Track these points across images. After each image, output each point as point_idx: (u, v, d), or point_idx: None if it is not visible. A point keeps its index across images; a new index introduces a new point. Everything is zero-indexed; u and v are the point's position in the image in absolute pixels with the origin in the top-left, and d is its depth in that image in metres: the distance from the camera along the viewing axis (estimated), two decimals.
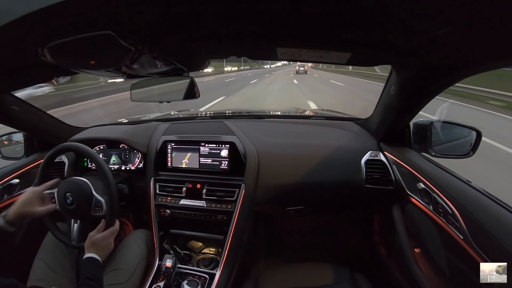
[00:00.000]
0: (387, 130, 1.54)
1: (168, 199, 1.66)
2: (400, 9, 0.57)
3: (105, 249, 1.25)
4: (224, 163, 1.65)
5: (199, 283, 1.44)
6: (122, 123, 2.21)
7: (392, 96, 1.32)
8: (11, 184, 1.62)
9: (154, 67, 1.03)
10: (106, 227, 1.29)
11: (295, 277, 1.43)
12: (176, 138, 1.76)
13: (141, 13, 0.60)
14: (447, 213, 1.05)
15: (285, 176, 1.61)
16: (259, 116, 2.06)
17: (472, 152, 1.31)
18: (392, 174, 1.51)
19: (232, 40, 0.84)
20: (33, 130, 1.74)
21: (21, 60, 0.88)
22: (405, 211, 1.42)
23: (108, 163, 1.85)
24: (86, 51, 0.72)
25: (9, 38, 0.61)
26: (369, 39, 0.78)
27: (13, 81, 1.11)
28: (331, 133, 1.80)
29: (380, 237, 1.82)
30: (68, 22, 0.59)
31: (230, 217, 1.56)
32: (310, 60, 1.05)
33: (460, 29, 0.63)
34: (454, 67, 0.94)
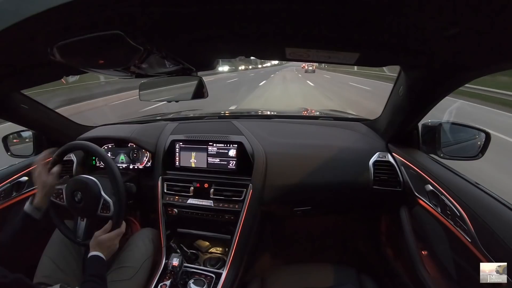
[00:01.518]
0: (396, 131, 1.53)
1: (175, 198, 1.66)
2: (410, 9, 0.56)
3: (109, 249, 1.26)
4: (232, 162, 1.66)
5: (205, 283, 1.44)
6: (130, 122, 2.22)
7: (401, 97, 1.31)
8: (20, 181, 1.64)
9: (163, 67, 1.03)
10: (113, 229, 1.30)
11: (301, 278, 1.43)
12: (184, 137, 1.76)
13: (150, 13, 0.61)
14: (455, 215, 1.04)
15: (292, 176, 1.61)
16: (267, 116, 2.07)
17: (481, 154, 1.30)
18: (400, 175, 1.50)
19: (241, 40, 0.84)
20: (42, 129, 1.76)
21: (30, 59, 0.89)
22: (413, 213, 1.41)
23: (116, 161, 1.86)
24: (95, 50, 0.73)
25: (18, 37, 0.61)
26: (378, 39, 0.77)
27: (23, 80, 1.12)
28: (339, 133, 1.79)
29: (387, 239, 1.81)
30: (77, 21, 0.59)
31: (237, 217, 1.56)
32: (319, 61, 1.04)
33: (470, 30, 0.63)
34: (464, 68, 0.93)
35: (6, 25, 0.52)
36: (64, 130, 1.84)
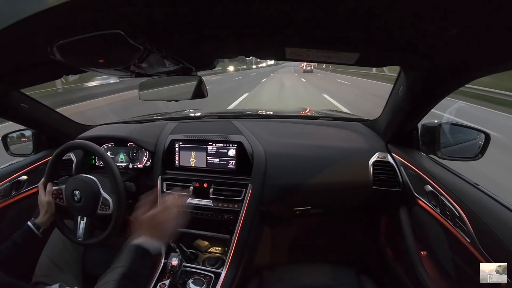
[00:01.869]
0: (395, 131, 1.53)
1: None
2: (410, 10, 0.56)
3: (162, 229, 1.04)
4: (231, 162, 1.66)
5: (204, 282, 1.43)
6: (130, 121, 2.22)
7: (401, 97, 1.31)
8: (19, 180, 1.64)
9: (163, 66, 1.03)
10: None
11: (300, 278, 1.43)
12: (183, 137, 1.76)
13: (150, 12, 0.61)
14: (454, 216, 1.04)
15: (292, 176, 1.61)
16: (267, 116, 2.07)
17: (480, 154, 1.30)
18: (399, 176, 1.51)
19: (241, 40, 0.85)
20: (41, 128, 1.76)
21: (30, 58, 0.89)
22: (412, 213, 1.41)
23: (116, 161, 1.86)
24: (95, 49, 0.73)
25: (18, 36, 0.61)
26: (378, 39, 0.77)
27: (23, 78, 1.12)
28: (339, 134, 1.79)
29: (387, 239, 1.81)
30: (77, 21, 0.59)
31: (236, 216, 1.56)
32: (318, 61, 1.04)
33: (470, 30, 0.63)
34: (464, 68, 0.93)
35: (6, 24, 0.52)
36: (64, 129, 1.84)
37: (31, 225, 1.25)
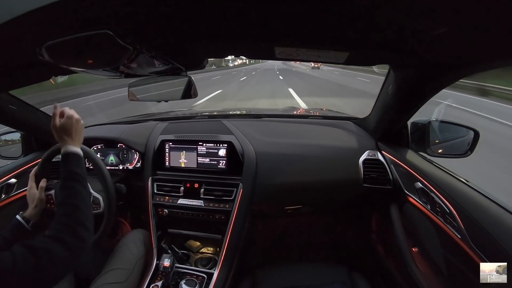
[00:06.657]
0: (385, 129, 1.54)
1: (166, 198, 1.65)
2: (397, 9, 0.57)
3: (76, 132, 1.15)
4: (222, 162, 1.65)
5: (197, 283, 1.43)
6: (120, 122, 2.20)
7: (390, 95, 1.32)
8: (9, 183, 1.61)
9: (152, 66, 1.02)
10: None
11: (293, 276, 1.43)
12: (174, 137, 1.75)
13: (139, 12, 0.60)
14: (444, 212, 1.05)
15: (283, 175, 1.61)
16: (257, 116, 2.06)
17: (469, 151, 1.31)
18: (390, 173, 1.52)
19: (230, 40, 0.84)
20: (30, 130, 1.73)
21: (18, 59, 0.87)
22: (403, 210, 1.42)
23: (106, 162, 1.84)
24: (84, 50, 0.72)
25: (6, 37, 0.60)
26: (367, 39, 0.78)
27: (11, 80, 1.10)
28: (329, 132, 1.80)
29: (378, 236, 1.82)
30: (65, 21, 0.58)
31: (228, 216, 1.56)
32: (308, 60, 1.04)
33: (457, 29, 0.63)
34: (452, 67, 0.94)
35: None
36: None
37: (20, 219, 1.22)
